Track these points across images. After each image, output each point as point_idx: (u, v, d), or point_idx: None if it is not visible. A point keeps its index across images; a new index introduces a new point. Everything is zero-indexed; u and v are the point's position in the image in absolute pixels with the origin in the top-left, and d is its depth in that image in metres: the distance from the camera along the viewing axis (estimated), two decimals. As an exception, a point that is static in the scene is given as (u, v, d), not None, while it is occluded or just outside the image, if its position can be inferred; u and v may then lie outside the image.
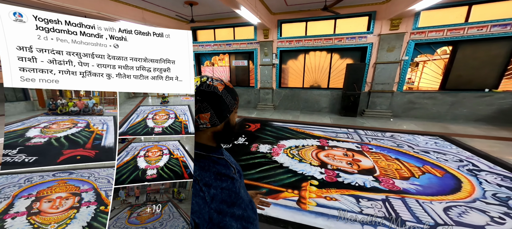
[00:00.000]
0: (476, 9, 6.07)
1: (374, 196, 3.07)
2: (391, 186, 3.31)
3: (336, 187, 3.28)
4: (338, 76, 8.35)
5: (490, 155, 4.36)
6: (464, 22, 6.23)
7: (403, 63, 7.10)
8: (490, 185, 3.35)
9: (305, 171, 3.76)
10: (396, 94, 7.48)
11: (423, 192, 3.18)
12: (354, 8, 7.04)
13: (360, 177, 3.55)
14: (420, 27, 6.64)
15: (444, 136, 5.54)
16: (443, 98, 7.01)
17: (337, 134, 5.78)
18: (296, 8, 7.47)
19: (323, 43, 7.88)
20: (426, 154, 4.48)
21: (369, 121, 7.19)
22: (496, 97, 6.41)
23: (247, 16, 6.31)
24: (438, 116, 7.18)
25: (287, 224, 2.54)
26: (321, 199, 3.01)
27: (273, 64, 8.76)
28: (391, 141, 5.25)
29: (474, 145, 4.86)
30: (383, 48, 7.14)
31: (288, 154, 4.46)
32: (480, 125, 6.38)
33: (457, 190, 3.23)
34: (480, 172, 3.73)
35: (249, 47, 8.94)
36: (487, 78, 6.54)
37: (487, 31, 6.02)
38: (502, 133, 5.57)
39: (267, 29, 8.22)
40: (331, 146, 4.90)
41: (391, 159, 4.23)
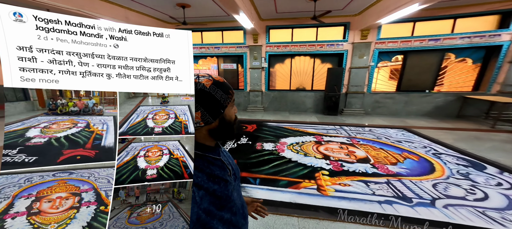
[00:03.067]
0: (418, 25, 7.57)
1: (378, 180, 3.47)
2: (387, 171, 3.76)
3: (345, 175, 3.62)
4: (320, 79, 9.04)
5: (441, 140, 5.36)
6: (411, 35, 7.67)
7: (370, 68, 8.23)
8: (452, 164, 4.07)
9: (313, 163, 4.07)
10: (366, 95, 8.56)
11: (411, 174, 3.70)
12: (333, 18, 7.77)
13: (360, 165, 3.98)
14: (382, 38, 7.86)
15: (406, 128, 6.54)
16: (399, 98, 8.35)
17: (327, 131, 6.28)
18: (285, 15, 7.79)
19: (307, 48, 8.49)
20: (399, 143, 5.23)
21: (348, 118, 8.05)
22: (433, 97, 8.02)
23: (244, 21, 6.40)
24: (397, 112, 8.46)
25: (318, 208, 2.79)
26: (336, 185, 3.32)
27: (262, 67, 8.92)
28: (371, 134, 5.96)
29: (427, 134, 5.94)
30: (355, 54, 8.14)
31: (292, 149, 4.75)
32: (426, 118, 7.81)
33: (433, 170, 3.83)
34: (441, 155, 4.49)
35: (238, 51, 9.02)
36: (427, 82, 8.13)
37: (425, 44, 7.55)
38: (441, 124, 7.02)
39: (256, 34, 8.37)
40: (326, 141, 5.34)
41: (377, 149, 4.80)
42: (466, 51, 7.55)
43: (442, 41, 7.36)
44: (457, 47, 7.43)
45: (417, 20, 7.42)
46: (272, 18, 8.13)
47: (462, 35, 7.20)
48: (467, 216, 2.63)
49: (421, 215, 2.64)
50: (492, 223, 2.51)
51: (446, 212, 2.70)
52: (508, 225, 2.47)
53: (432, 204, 2.85)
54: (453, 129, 6.41)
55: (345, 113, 8.67)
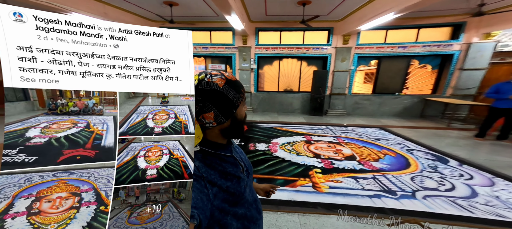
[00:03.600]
0: (390, 33, 8.28)
1: (365, 175, 3.70)
2: (371, 167, 4.04)
3: (336, 172, 3.81)
4: (307, 81, 9.32)
5: (410, 138, 5.91)
6: (384, 42, 8.38)
7: (351, 72, 8.79)
8: (423, 159, 4.48)
9: (305, 162, 4.24)
10: (347, 97, 9.14)
11: (391, 169, 4.01)
12: (319, 23, 8.09)
13: (348, 162, 4.22)
14: (361, 43, 8.42)
15: (382, 127, 7.15)
16: (375, 99, 9.03)
17: (315, 131, 6.57)
18: (274, 18, 7.88)
19: (294, 51, 8.72)
20: (378, 141, 5.66)
21: (332, 118, 8.52)
22: (402, 99, 8.85)
23: (235, 22, 6.41)
24: (373, 113, 9.12)
25: (316, 204, 2.90)
26: (330, 182, 3.47)
27: (252, 69, 8.96)
28: (353, 133, 6.38)
29: (399, 132, 6.54)
30: (338, 58, 8.63)
31: (285, 149, 4.90)
32: (396, 118, 8.65)
33: (409, 165, 4.19)
34: (413, 151, 4.95)
35: (227, 51, 9.00)
36: (396, 85, 8.95)
37: (396, 51, 8.32)
38: (408, 123, 7.80)
39: (246, 35, 8.41)
40: (315, 140, 5.59)
41: (361, 147, 5.15)
42: (427, 58, 8.53)
43: (408, 48, 8.23)
44: (420, 55, 8.38)
45: (389, 28, 8.10)
46: (262, 20, 8.20)
47: (424, 43, 8.11)
48: (443, 205, 2.89)
49: (405, 207, 2.86)
50: (462, 210, 2.78)
51: (426, 202, 2.95)
52: (475, 211, 2.77)
53: (413, 196, 3.11)
54: (418, 127, 7.20)
55: (329, 114, 9.14)
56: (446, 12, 7.15)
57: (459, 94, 8.19)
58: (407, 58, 8.55)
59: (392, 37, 8.33)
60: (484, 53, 7.67)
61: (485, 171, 3.93)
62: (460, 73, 8.07)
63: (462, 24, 7.70)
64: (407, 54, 8.36)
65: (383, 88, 9.07)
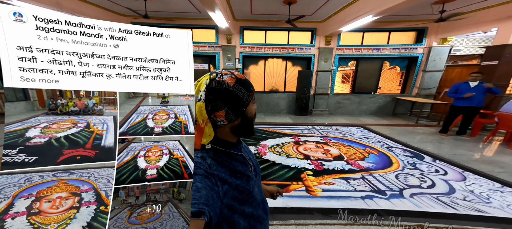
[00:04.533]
0: (366, 35, 8.84)
1: (354, 176, 3.74)
2: (359, 166, 4.09)
3: (327, 174, 3.81)
4: (292, 81, 9.49)
5: (388, 135, 6.20)
6: (361, 44, 8.90)
7: (333, 72, 9.18)
8: (402, 156, 4.65)
9: (296, 164, 4.20)
10: (330, 96, 9.52)
11: (377, 167, 4.09)
12: (303, 23, 8.33)
13: (337, 163, 4.26)
14: (341, 45, 8.84)
15: (363, 125, 7.47)
16: (354, 99, 9.53)
17: (302, 131, 6.65)
18: (259, 17, 7.89)
19: (279, 51, 8.82)
20: (361, 139, 5.84)
21: (317, 118, 8.76)
22: (377, 98, 9.46)
23: (219, 20, 6.27)
24: (353, 112, 9.65)
25: (312, 210, 2.83)
26: (322, 185, 3.45)
27: (237, 68, 8.88)
28: (338, 132, 6.58)
29: (377, 130, 6.88)
30: (321, 59, 8.96)
31: (274, 152, 4.87)
32: (373, 116, 9.15)
33: (392, 163, 4.29)
34: (392, 148, 5.13)
35: (210, 50, 8.84)
36: (372, 85, 9.55)
37: (371, 53, 8.87)
38: (383, 121, 8.25)
39: (230, 34, 8.33)
40: (303, 141, 5.63)
41: (347, 146, 5.23)
42: (396, 60, 9.30)
43: (381, 50, 8.82)
44: (391, 57, 9.08)
45: (365, 31, 8.66)
46: (247, 19, 8.17)
47: (394, 46, 8.77)
48: (429, 203, 2.95)
49: (397, 207, 2.90)
50: (447, 207, 2.86)
51: (413, 201, 3.03)
52: (457, 207, 2.88)
53: (401, 195, 3.16)
54: (392, 125, 7.67)
55: (314, 114, 9.45)
56: (412, 17, 7.76)
57: (423, 93, 9.06)
58: (380, 59, 9.19)
59: (368, 39, 8.93)
60: (442, 56, 8.62)
61: (456, 165, 4.18)
62: (423, 74, 8.90)
63: (424, 30, 8.54)
64: (380, 56, 8.96)
65: (361, 88, 9.63)
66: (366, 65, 9.25)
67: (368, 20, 5.97)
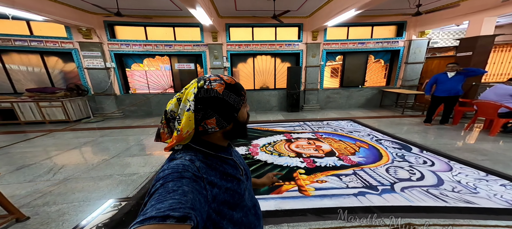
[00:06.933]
0: (351, 30, 9.08)
1: (346, 171, 3.69)
2: (350, 162, 4.06)
3: (319, 171, 3.73)
4: (282, 78, 9.50)
5: (376, 128, 6.33)
6: (346, 38, 9.10)
7: (321, 67, 9.27)
8: (391, 148, 4.69)
9: (288, 163, 4.09)
10: (320, 91, 9.63)
11: (367, 161, 4.06)
12: (289, 19, 8.41)
13: (329, 159, 4.20)
14: (328, 40, 8.98)
15: (352, 119, 7.58)
16: (343, 93, 9.73)
17: (294, 128, 6.55)
18: (245, 13, 7.71)
19: (268, 48, 8.78)
20: (351, 133, 5.86)
21: (308, 113, 8.77)
22: (364, 91, 9.75)
23: (201, 17, 6.00)
24: (342, 105, 9.88)
25: (305, 211, 2.72)
26: (315, 183, 3.36)
27: (225, 67, 8.72)
28: (329, 127, 6.56)
29: (366, 123, 6.99)
30: (309, 54, 9.00)
31: (266, 151, 4.70)
32: (361, 109, 9.33)
33: (381, 156, 4.29)
34: (381, 141, 5.18)
35: (195, 49, 8.52)
36: (359, 78, 9.86)
37: (356, 47, 9.11)
38: (371, 113, 8.44)
39: (216, 32, 8.14)
40: (295, 138, 5.49)
41: (338, 141, 5.21)
42: (380, 53, 9.58)
43: (366, 44, 9.09)
44: (375, 50, 9.35)
45: (350, 25, 8.90)
46: (232, 15, 8.00)
47: (377, 40, 9.06)
48: (420, 197, 2.95)
49: (389, 202, 2.84)
50: (437, 200, 2.88)
51: (405, 195, 2.98)
52: (447, 200, 2.87)
53: (393, 189, 3.13)
54: (379, 117, 7.83)
55: (305, 109, 9.48)
56: (391, 12, 8.11)
57: (406, 85, 9.47)
58: (365, 53, 9.44)
59: (353, 34, 9.13)
60: (421, 48, 9.03)
61: (442, 155, 4.27)
62: (405, 66, 9.29)
63: (404, 23, 8.89)
64: (365, 50, 9.20)
65: (349, 82, 9.82)
66: (352, 59, 9.49)
67: (351, 14, 6.11)
